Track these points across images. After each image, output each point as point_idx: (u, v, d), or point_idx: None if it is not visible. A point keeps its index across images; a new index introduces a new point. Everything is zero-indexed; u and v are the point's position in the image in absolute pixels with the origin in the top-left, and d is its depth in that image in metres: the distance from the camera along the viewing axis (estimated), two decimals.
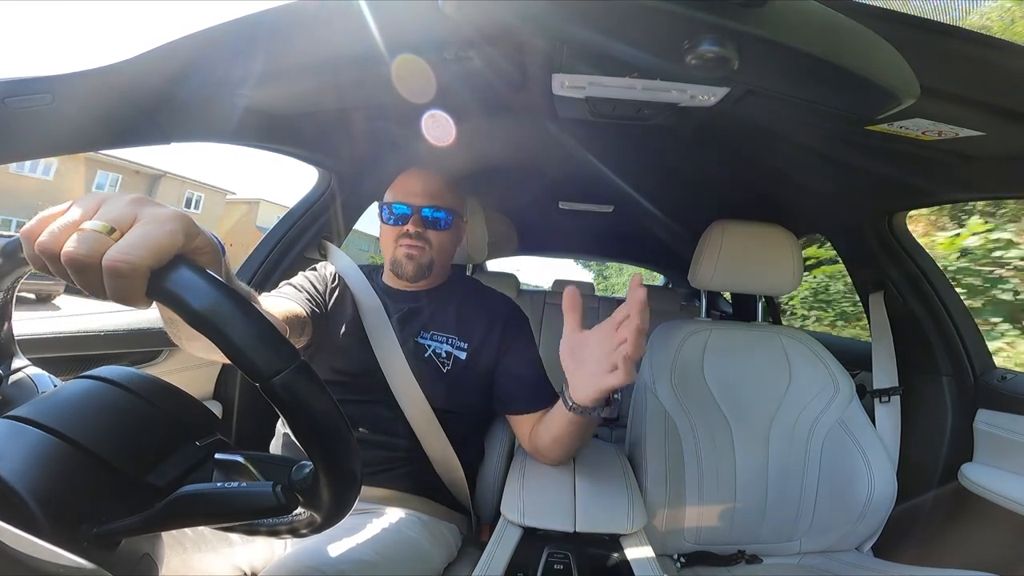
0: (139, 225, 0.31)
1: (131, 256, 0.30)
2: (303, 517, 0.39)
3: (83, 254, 0.30)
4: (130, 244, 0.30)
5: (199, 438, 0.39)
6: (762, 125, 0.83)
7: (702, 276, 1.14)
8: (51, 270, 0.32)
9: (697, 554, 0.99)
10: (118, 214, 0.31)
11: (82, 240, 0.30)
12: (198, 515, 0.36)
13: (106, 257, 0.30)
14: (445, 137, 0.99)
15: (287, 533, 0.40)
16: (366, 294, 0.92)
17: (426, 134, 0.99)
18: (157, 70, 0.61)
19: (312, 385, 0.32)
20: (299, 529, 0.39)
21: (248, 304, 0.32)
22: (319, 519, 0.38)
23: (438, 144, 1.02)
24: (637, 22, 0.51)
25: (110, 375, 0.38)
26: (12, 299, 0.40)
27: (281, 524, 0.39)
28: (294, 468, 0.36)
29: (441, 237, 0.93)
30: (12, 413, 0.33)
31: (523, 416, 0.90)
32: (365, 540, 0.70)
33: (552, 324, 2.11)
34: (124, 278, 0.30)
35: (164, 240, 0.31)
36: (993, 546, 0.98)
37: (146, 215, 0.32)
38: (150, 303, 0.32)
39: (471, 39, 0.62)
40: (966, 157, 0.79)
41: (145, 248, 0.30)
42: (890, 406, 1.14)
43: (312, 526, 0.39)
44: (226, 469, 0.38)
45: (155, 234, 0.31)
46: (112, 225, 0.31)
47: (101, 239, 0.30)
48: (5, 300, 0.39)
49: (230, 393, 1.16)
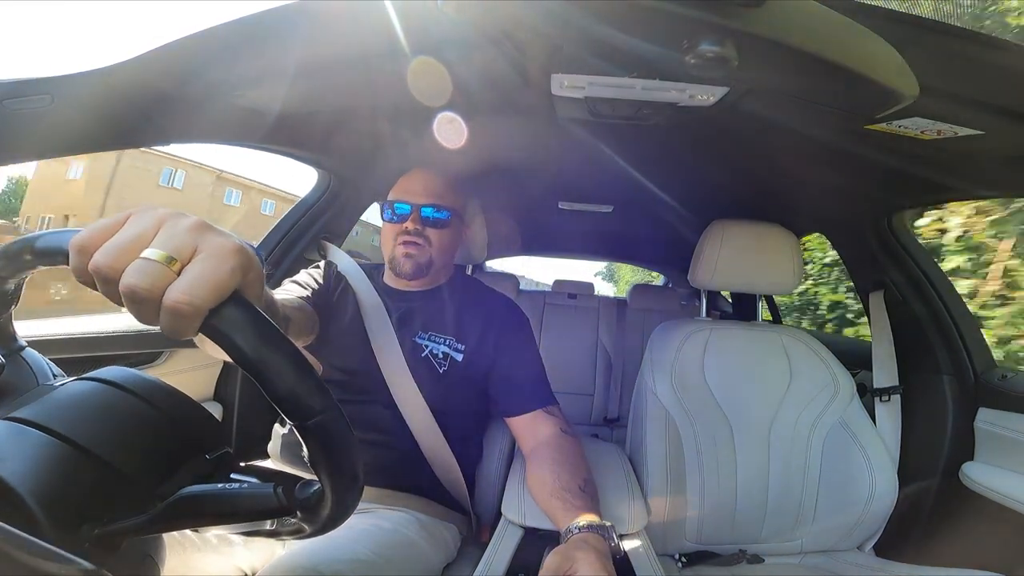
0: (201, 259, 0.30)
1: (194, 299, 0.29)
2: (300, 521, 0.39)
3: (145, 288, 0.28)
4: (192, 284, 0.29)
5: (208, 450, 0.39)
6: (761, 125, 0.83)
7: (702, 276, 1.14)
8: (99, 289, 0.30)
9: (698, 554, 0.99)
10: (180, 243, 0.30)
11: (143, 272, 0.29)
12: (200, 516, 0.36)
13: (168, 297, 0.29)
14: (457, 139, 0.99)
15: (286, 535, 0.40)
16: (367, 293, 0.92)
17: (438, 135, 0.99)
18: (156, 70, 0.61)
19: (341, 426, 0.34)
20: (297, 532, 0.39)
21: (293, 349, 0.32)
22: (312, 528, 0.38)
23: (450, 146, 1.02)
24: (637, 22, 0.51)
25: (114, 377, 0.38)
26: (23, 286, 0.40)
27: (281, 527, 0.39)
28: (298, 486, 0.37)
29: (441, 236, 0.93)
30: (13, 415, 0.33)
31: (520, 418, 0.89)
32: (362, 540, 0.70)
33: (552, 324, 2.11)
34: (184, 319, 0.29)
35: (225, 280, 0.30)
36: (994, 545, 0.98)
37: (208, 247, 0.31)
38: (196, 333, 0.31)
39: (471, 39, 0.62)
40: (965, 156, 0.79)
41: (207, 289, 0.29)
42: (891, 405, 1.14)
43: (308, 530, 0.39)
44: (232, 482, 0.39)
45: (217, 274, 0.30)
46: (173, 255, 0.30)
47: (163, 272, 0.29)
48: (18, 286, 0.39)
49: (230, 394, 1.17)
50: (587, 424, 2.04)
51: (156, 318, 0.29)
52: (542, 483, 0.77)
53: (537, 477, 0.79)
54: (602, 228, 2.09)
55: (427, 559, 0.78)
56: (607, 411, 2.05)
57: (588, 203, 1.72)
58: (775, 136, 0.90)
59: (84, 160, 13.67)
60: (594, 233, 2.20)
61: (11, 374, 0.41)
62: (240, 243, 0.32)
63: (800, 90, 0.67)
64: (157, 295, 0.29)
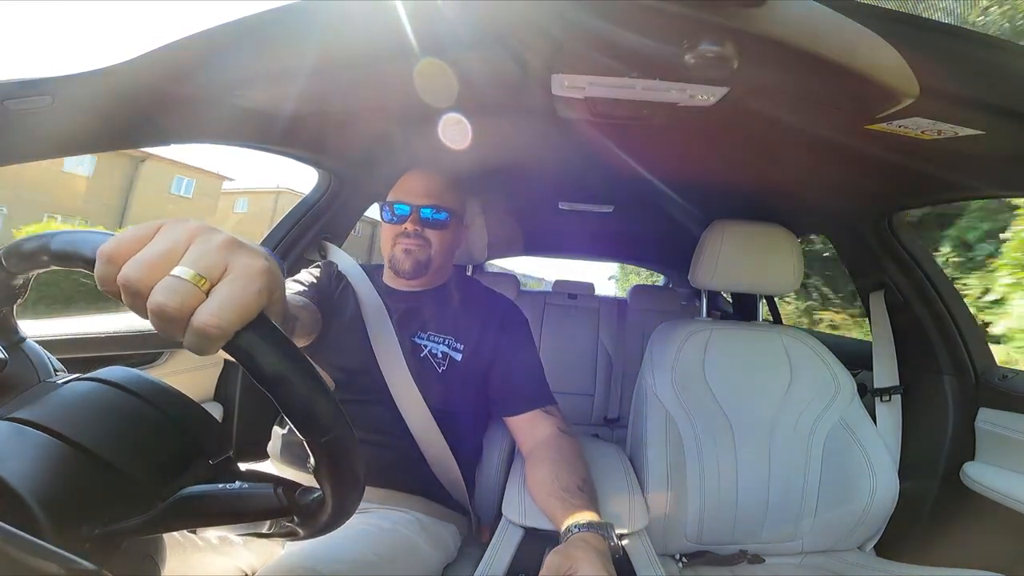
0: (231, 280, 0.30)
1: (222, 321, 0.29)
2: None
3: (175, 308, 0.28)
4: (221, 307, 0.29)
5: (210, 454, 0.39)
6: (762, 125, 0.83)
7: (702, 276, 1.14)
8: (124, 301, 0.30)
9: (698, 553, 0.99)
10: (210, 262, 0.30)
11: (173, 291, 0.29)
12: (200, 516, 0.36)
13: (196, 319, 0.29)
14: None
15: (286, 535, 0.40)
16: (368, 293, 0.93)
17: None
18: (156, 71, 0.61)
19: (351, 443, 0.35)
20: (297, 532, 0.39)
21: (311, 368, 0.33)
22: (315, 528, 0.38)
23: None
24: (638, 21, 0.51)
25: (115, 378, 0.38)
26: (30, 281, 0.40)
27: (281, 527, 0.39)
28: (299, 492, 0.37)
29: (440, 236, 0.93)
30: (14, 415, 0.33)
31: (518, 417, 0.90)
32: (361, 540, 0.70)
33: (552, 324, 2.11)
34: (210, 340, 0.29)
35: (252, 303, 0.30)
36: (995, 545, 0.97)
37: (238, 268, 0.31)
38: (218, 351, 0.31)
39: (471, 39, 0.62)
40: (965, 156, 0.79)
41: (235, 312, 0.29)
42: (891, 405, 1.14)
43: (304, 534, 0.39)
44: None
45: (246, 296, 0.30)
46: (203, 273, 0.30)
47: (192, 292, 0.29)
48: (25, 281, 0.39)
49: (230, 395, 1.17)
50: (587, 424, 2.03)
51: (182, 335, 0.29)
52: (540, 483, 0.77)
53: (535, 477, 0.79)
54: (602, 228, 2.09)
55: (427, 559, 0.78)
56: (607, 411, 2.05)
57: (588, 203, 1.72)
58: (775, 136, 0.90)
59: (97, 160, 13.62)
60: (594, 233, 2.20)
61: (12, 367, 0.41)
62: (268, 263, 0.32)
63: (800, 90, 0.67)
64: (186, 315, 0.29)
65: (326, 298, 0.93)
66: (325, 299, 0.92)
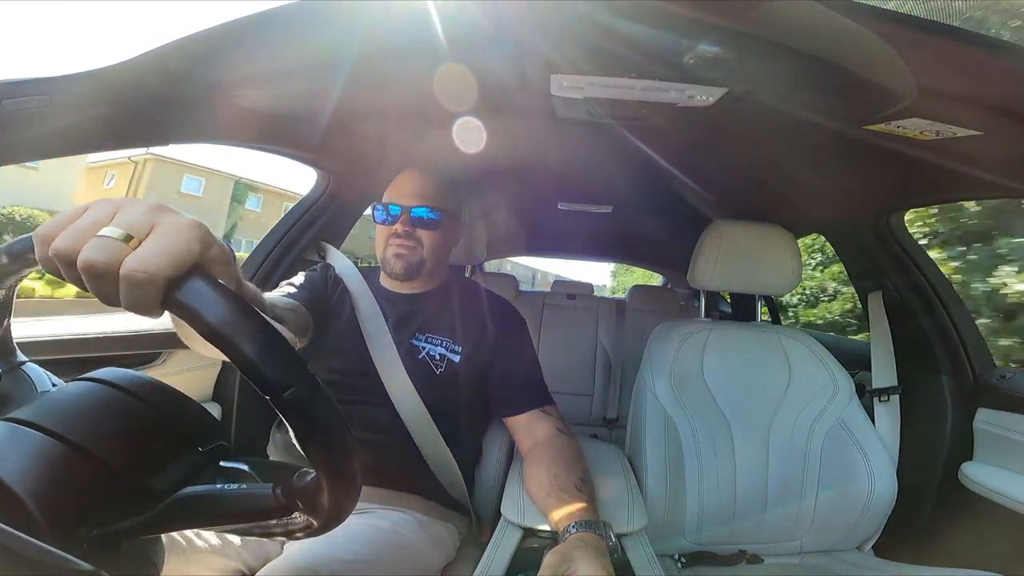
0: (157, 234, 0.31)
1: (149, 266, 0.29)
2: (300, 520, 0.39)
3: (101, 261, 0.29)
4: (148, 253, 0.30)
5: (201, 443, 0.39)
6: (760, 125, 0.83)
7: (701, 276, 1.14)
8: (64, 275, 0.31)
9: (697, 554, 0.99)
10: (135, 221, 0.31)
11: (100, 247, 0.29)
12: (198, 517, 0.36)
13: (124, 266, 0.29)
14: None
15: (284, 535, 0.40)
16: (364, 296, 0.93)
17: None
18: (155, 70, 0.60)
19: (321, 399, 0.33)
20: (297, 531, 0.39)
21: (262, 319, 0.32)
22: (317, 524, 0.38)
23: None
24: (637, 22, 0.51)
25: (110, 377, 0.38)
26: (13, 296, 0.40)
27: (279, 527, 0.39)
28: (296, 475, 0.36)
29: (432, 237, 0.92)
30: (11, 415, 0.33)
31: (517, 417, 0.90)
32: (360, 540, 0.70)
33: (551, 325, 2.11)
34: (141, 288, 0.29)
35: (182, 250, 0.31)
36: (993, 545, 0.98)
37: (164, 223, 0.31)
38: (163, 312, 0.31)
39: (470, 39, 0.62)
40: (964, 157, 0.80)
41: (163, 258, 0.30)
42: (889, 405, 1.14)
43: (310, 529, 0.38)
44: (229, 477, 0.38)
45: (173, 244, 0.30)
46: (130, 232, 0.30)
47: (119, 246, 0.30)
48: (7, 297, 0.39)
49: (229, 395, 1.16)
50: (586, 424, 2.03)
51: (116, 292, 0.30)
52: (539, 482, 0.77)
53: (534, 477, 0.79)
54: (601, 228, 2.10)
55: (426, 559, 0.78)
56: (606, 411, 2.05)
57: (587, 203, 1.72)
58: (774, 136, 0.90)
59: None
60: (593, 233, 2.20)
61: (11, 386, 0.41)
62: (196, 222, 0.33)
63: (799, 91, 0.67)
64: (114, 268, 0.29)
65: (321, 301, 0.92)
66: (320, 302, 0.92)
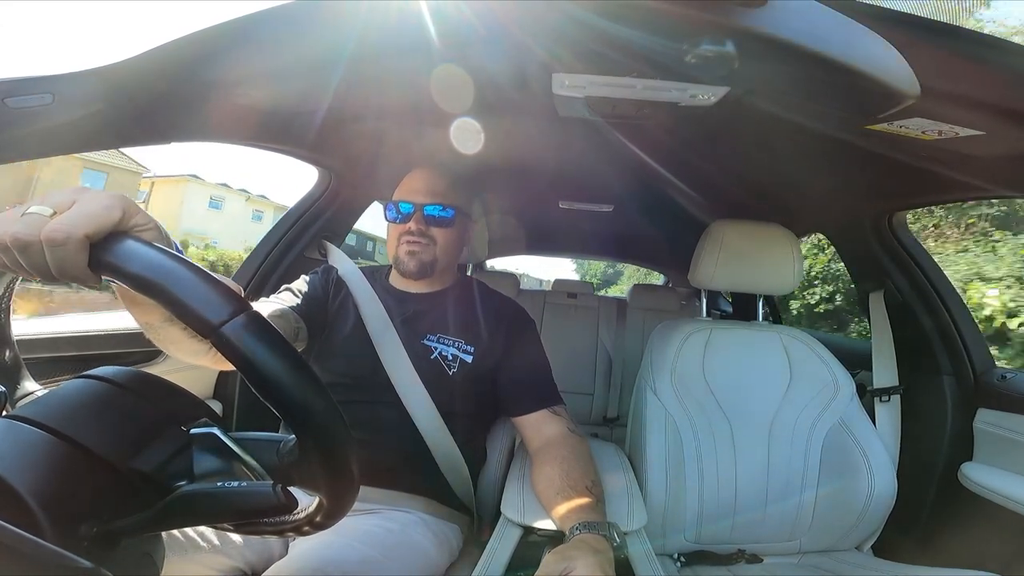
0: (78, 204, 0.34)
1: (65, 224, 0.32)
2: (302, 516, 0.39)
3: (24, 232, 0.33)
4: (65, 217, 0.33)
5: (185, 423, 0.39)
6: (762, 125, 0.83)
7: (702, 276, 1.14)
8: (5, 261, 0.34)
9: (697, 553, 0.99)
10: (58, 200, 0.34)
11: (24, 222, 0.33)
12: (198, 514, 0.36)
13: (43, 230, 0.32)
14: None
15: (290, 531, 0.40)
16: (367, 296, 0.92)
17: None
18: (157, 70, 0.60)
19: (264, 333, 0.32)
20: (302, 526, 0.39)
21: (186, 260, 0.33)
22: (319, 516, 0.38)
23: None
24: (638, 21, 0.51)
25: (107, 374, 0.38)
26: (9, 314, 0.40)
27: (284, 523, 0.39)
28: (280, 444, 0.37)
29: (445, 235, 0.92)
30: (10, 413, 0.33)
31: (526, 417, 0.89)
32: (369, 541, 0.70)
33: (552, 324, 2.11)
34: (62, 246, 0.32)
35: (99, 212, 0.34)
36: (993, 545, 0.98)
37: (85, 196, 0.35)
38: (98, 279, 0.34)
39: (471, 38, 0.62)
40: (966, 157, 0.79)
41: (79, 219, 0.33)
42: (890, 405, 1.14)
43: (313, 521, 0.38)
44: (204, 444, 0.38)
45: (90, 208, 0.34)
46: (53, 208, 0.34)
47: (41, 219, 0.33)
48: (3, 296, 0.40)
49: (230, 393, 1.17)
50: (587, 423, 2.04)
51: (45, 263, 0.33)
52: (549, 481, 0.77)
53: (544, 475, 0.79)
54: (602, 228, 2.10)
55: (432, 560, 0.78)
56: (607, 410, 2.05)
57: (588, 202, 1.72)
58: (776, 136, 0.90)
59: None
60: (594, 232, 2.20)
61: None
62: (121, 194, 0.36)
63: (801, 90, 0.66)
64: (36, 236, 0.33)
65: (320, 306, 0.92)
66: (319, 307, 0.91)
